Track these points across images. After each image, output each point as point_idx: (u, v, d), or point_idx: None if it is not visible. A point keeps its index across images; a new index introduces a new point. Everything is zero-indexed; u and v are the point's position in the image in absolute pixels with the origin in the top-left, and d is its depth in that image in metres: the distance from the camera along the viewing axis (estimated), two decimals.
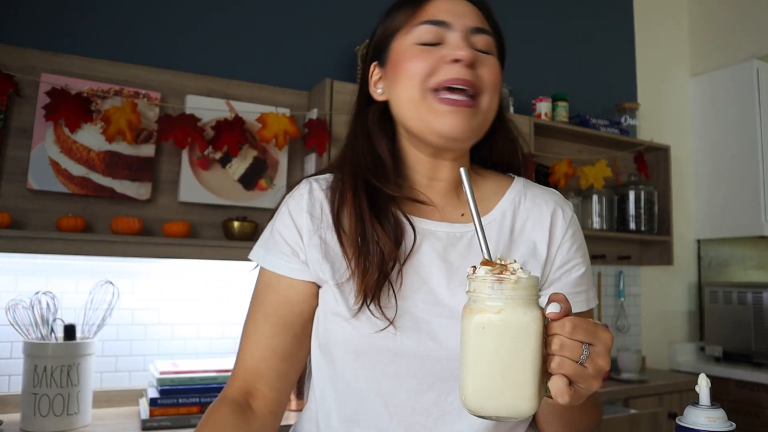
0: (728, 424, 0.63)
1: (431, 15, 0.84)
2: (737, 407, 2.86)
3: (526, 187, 0.94)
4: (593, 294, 0.93)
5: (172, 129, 1.98)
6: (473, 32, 0.83)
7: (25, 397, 1.67)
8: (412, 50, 0.83)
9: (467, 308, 0.59)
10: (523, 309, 0.57)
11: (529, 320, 0.57)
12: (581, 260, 0.90)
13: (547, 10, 3.15)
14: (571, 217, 0.93)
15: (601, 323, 0.64)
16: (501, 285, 0.57)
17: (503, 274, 0.58)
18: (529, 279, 0.58)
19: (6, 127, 1.84)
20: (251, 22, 2.33)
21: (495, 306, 0.57)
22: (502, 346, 0.57)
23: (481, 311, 0.58)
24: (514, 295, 0.57)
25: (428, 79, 0.81)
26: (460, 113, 0.80)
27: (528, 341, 0.57)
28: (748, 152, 3.23)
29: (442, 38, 0.83)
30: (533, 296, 0.58)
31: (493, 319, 0.57)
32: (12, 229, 1.73)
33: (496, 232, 0.89)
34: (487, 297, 0.57)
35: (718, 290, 3.21)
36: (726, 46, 3.44)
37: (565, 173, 2.74)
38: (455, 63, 0.80)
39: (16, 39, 1.92)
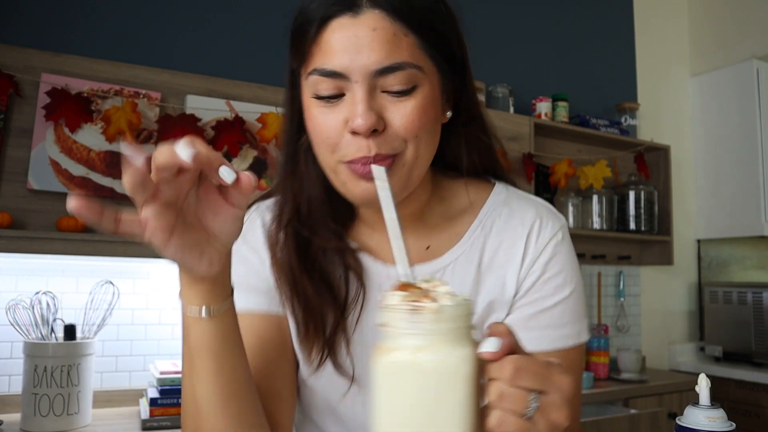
0: (728, 424, 0.63)
1: (323, 58, 0.66)
2: (737, 407, 2.86)
3: (505, 202, 0.81)
4: (580, 328, 0.77)
5: (172, 129, 1.98)
6: (379, 75, 0.65)
7: (25, 397, 1.67)
8: (313, 108, 0.69)
9: (379, 347, 0.47)
10: (449, 347, 0.45)
11: (456, 362, 0.45)
12: (561, 287, 0.77)
13: (548, 10, 3.15)
14: (551, 236, 0.78)
15: (557, 362, 0.51)
16: (418, 316, 0.45)
17: (421, 302, 0.45)
18: (457, 307, 0.45)
19: (6, 127, 1.84)
20: (251, 22, 2.33)
21: (411, 344, 0.45)
22: (420, 397, 0.45)
23: (393, 350, 0.46)
24: (435, 328, 0.45)
25: (336, 150, 0.68)
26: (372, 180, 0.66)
27: (455, 390, 0.44)
28: (748, 152, 3.23)
29: (342, 88, 0.66)
30: (463, 329, 0.46)
31: (407, 360, 0.45)
32: (12, 229, 1.73)
33: (462, 267, 0.77)
34: (402, 332, 0.45)
35: (718, 290, 3.21)
36: (726, 46, 3.44)
37: (565, 173, 2.74)
38: (356, 135, 0.66)
39: (16, 39, 1.92)
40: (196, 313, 0.60)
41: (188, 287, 0.60)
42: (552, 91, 2.95)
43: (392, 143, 0.67)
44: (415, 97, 0.67)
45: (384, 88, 0.66)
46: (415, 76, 0.67)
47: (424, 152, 0.70)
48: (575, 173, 2.80)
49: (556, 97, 2.91)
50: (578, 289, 0.78)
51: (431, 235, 0.80)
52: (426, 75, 0.68)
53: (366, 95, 0.65)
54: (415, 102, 0.67)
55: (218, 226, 0.56)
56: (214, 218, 0.56)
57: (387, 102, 0.66)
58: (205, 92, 2.14)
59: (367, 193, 0.67)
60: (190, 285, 0.60)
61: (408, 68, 0.66)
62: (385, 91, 0.66)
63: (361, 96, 0.65)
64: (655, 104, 3.43)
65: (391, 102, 0.66)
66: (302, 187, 0.77)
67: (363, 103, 0.65)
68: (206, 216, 0.56)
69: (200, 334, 0.61)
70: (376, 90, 0.66)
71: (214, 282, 0.60)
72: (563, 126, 2.83)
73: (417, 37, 0.67)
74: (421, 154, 0.69)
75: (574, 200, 2.92)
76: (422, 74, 0.67)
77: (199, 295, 0.60)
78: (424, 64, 0.68)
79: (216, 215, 0.56)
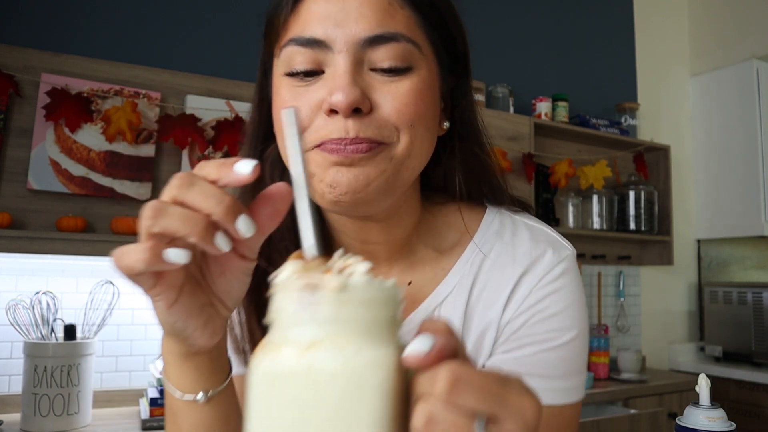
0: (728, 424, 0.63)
1: (301, 26, 0.55)
2: (737, 407, 2.85)
3: (497, 233, 0.68)
4: (576, 383, 0.63)
5: (172, 129, 1.98)
6: (368, 45, 0.54)
7: (25, 397, 1.67)
8: (282, 88, 0.56)
9: (261, 343, 0.34)
10: (357, 343, 0.31)
11: (365, 365, 0.31)
12: (558, 331, 0.62)
13: (547, 10, 3.15)
14: (547, 270, 0.63)
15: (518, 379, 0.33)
16: (312, 296, 0.32)
17: (317, 278, 0.33)
18: (371, 287, 0.32)
19: (6, 127, 1.84)
20: (251, 22, 2.33)
21: (301, 337, 0.32)
22: (310, 415, 0.30)
23: (276, 346, 0.32)
24: (337, 316, 0.32)
25: (306, 136, 0.55)
26: (350, 167, 0.53)
27: (363, 406, 0.30)
28: (748, 152, 3.24)
29: (321, 63, 0.55)
30: (382, 322, 0.32)
31: (292, 360, 0.31)
32: (12, 229, 1.73)
33: (448, 309, 0.65)
34: (290, 320, 0.32)
35: (718, 290, 3.21)
36: (726, 46, 3.44)
37: (565, 173, 2.75)
38: (333, 114, 0.53)
39: (16, 39, 1.92)
40: (190, 397, 0.50)
41: (179, 365, 0.48)
42: (552, 91, 2.95)
43: (380, 129, 0.53)
44: (411, 78, 0.55)
45: (373, 65, 0.54)
46: (411, 54, 0.55)
47: (418, 149, 0.57)
48: (575, 173, 2.80)
49: (556, 97, 2.91)
50: (581, 336, 0.63)
51: (415, 268, 0.68)
52: (424, 57, 0.57)
53: (351, 67, 0.53)
54: (410, 83, 0.55)
55: (224, 285, 0.45)
56: (220, 276, 0.44)
57: (376, 81, 0.54)
58: (205, 92, 2.13)
59: (337, 184, 0.53)
60: (183, 362, 0.48)
61: (403, 41, 0.54)
62: (375, 70, 0.54)
63: (345, 67, 0.53)
64: (655, 104, 3.43)
65: (380, 82, 0.54)
66: None
67: (346, 75, 0.52)
68: (212, 273, 0.45)
69: (196, 420, 0.50)
70: (363, 65, 0.54)
71: (212, 358, 0.49)
72: (563, 126, 2.84)
73: (415, 13, 0.57)
74: (415, 150, 0.56)
75: (574, 200, 2.92)
76: (420, 54, 0.56)
77: (193, 375, 0.49)
78: (422, 45, 0.57)
79: (222, 272, 0.44)
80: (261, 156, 0.64)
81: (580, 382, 0.64)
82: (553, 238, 0.67)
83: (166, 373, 0.50)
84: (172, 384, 0.50)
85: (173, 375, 0.50)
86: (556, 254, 0.65)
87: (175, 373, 0.49)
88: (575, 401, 0.63)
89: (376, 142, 0.53)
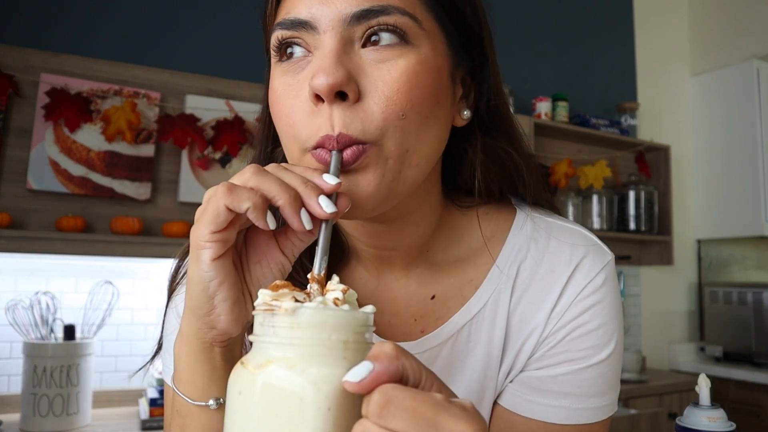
0: (728, 424, 0.62)
1: (287, 8, 0.52)
2: (737, 407, 2.85)
3: (532, 237, 0.62)
4: (612, 399, 0.60)
5: (171, 129, 1.98)
6: (355, 21, 0.49)
7: (24, 397, 1.67)
8: (275, 80, 0.53)
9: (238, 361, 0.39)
10: (304, 364, 0.35)
11: (307, 386, 0.34)
12: (597, 348, 0.58)
13: (547, 10, 3.15)
14: (588, 281, 0.59)
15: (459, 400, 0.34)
16: (272, 319, 0.36)
17: (280, 302, 0.37)
18: (324, 313, 0.36)
19: (6, 127, 1.84)
20: (251, 22, 2.33)
21: (263, 355, 0.36)
22: (265, 426, 0.35)
23: (244, 363, 0.38)
24: (291, 337, 0.35)
25: (298, 133, 0.51)
26: (348, 173, 0.49)
27: (307, 425, 0.34)
28: (748, 152, 3.23)
29: (309, 46, 0.51)
30: (335, 345, 0.35)
31: (248, 376, 0.36)
32: (12, 229, 1.73)
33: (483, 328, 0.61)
34: (259, 340, 0.37)
35: (718, 290, 3.21)
36: (726, 45, 3.44)
37: (565, 173, 2.74)
38: (319, 102, 0.49)
39: (16, 39, 1.92)
40: (201, 399, 0.49)
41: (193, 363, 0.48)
42: (552, 91, 2.95)
43: (364, 123, 0.48)
44: (407, 58, 0.49)
45: (364, 43, 0.49)
46: (409, 28, 0.49)
47: (416, 144, 0.50)
48: (575, 173, 2.80)
49: (556, 97, 2.91)
50: (618, 349, 0.59)
51: (438, 279, 0.62)
52: (426, 34, 0.51)
53: (337, 47, 0.48)
54: (405, 63, 0.49)
55: (258, 274, 0.46)
56: (256, 264, 0.46)
57: (366, 63, 0.49)
58: (204, 92, 2.13)
59: None
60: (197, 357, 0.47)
61: (396, 14, 0.49)
62: (367, 47, 0.49)
63: (330, 47, 0.48)
64: (656, 104, 3.42)
65: (371, 63, 0.49)
66: None
67: (330, 55, 0.48)
68: (250, 261, 0.47)
69: (206, 425, 0.49)
70: (352, 45, 0.49)
71: (226, 358, 0.48)
72: (563, 126, 2.83)
73: None
74: (411, 144, 0.50)
75: (574, 200, 2.92)
76: (419, 29, 0.50)
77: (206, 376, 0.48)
78: (423, 20, 0.51)
79: (259, 261, 0.46)
80: (270, 157, 0.62)
81: (615, 397, 0.61)
82: (593, 241, 0.62)
83: (178, 376, 0.49)
84: (182, 389, 0.49)
85: (185, 377, 0.48)
86: (598, 260, 0.60)
87: (188, 374, 0.48)
88: (608, 417, 0.60)
89: (361, 142, 0.48)
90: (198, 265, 0.44)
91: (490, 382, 0.60)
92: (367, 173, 0.49)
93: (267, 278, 0.47)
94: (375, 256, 0.62)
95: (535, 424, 0.59)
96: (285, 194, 0.43)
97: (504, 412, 0.61)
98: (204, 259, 0.44)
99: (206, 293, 0.44)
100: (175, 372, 0.50)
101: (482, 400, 0.61)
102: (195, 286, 0.45)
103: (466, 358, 0.61)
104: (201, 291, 0.45)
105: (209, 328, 0.46)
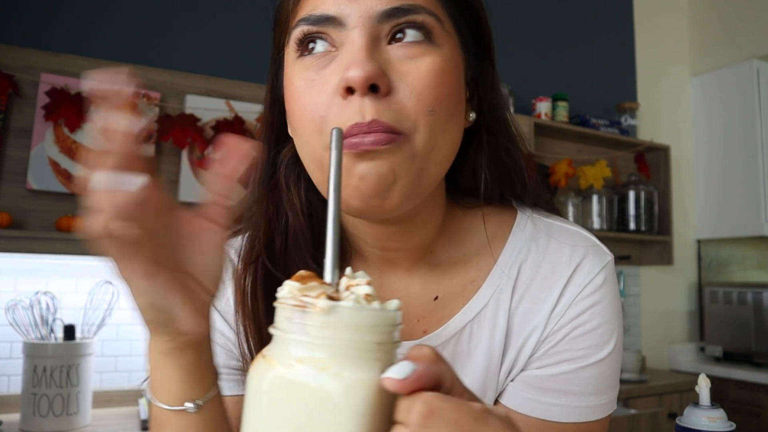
0: (729, 424, 0.62)
1: (312, 5, 0.52)
2: (738, 407, 2.85)
3: (532, 238, 0.63)
4: (611, 398, 0.61)
5: (171, 129, 1.98)
6: (384, 19, 0.50)
7: (24, 397, 1.67)
8: (295, 77, 0.53)
9: (257, 355, 0.37)
10: (339, 365, 0.33)
11: (342, 388, 0.33)
12: (596, 347, 0.59)
13: (547, 10, 3.15)
14: (588, 281, 0.60)
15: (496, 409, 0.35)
16: (304, 316, 0.34)
17: (310, 297, 0.34)
18: (359, 312, 0.34)
19: (6, 127, 1.84)
20: (251, 22, 2.33)
21: (292, 353, 0.34)
22: (294, 428, 0.33)
23: (269, 358, 0.35)
24: (324, 337, 0.33)
25: (325, 127, 0.51)
26: (373, 159, 0.49)
27: (340, 428, 0.32)
28: (748, 152, 3.23)
29: (335, 42, 0.51)
30: (368, 346, 0.34)
31: (281, 374, 0.34)
32: (12, 229, 1.73)
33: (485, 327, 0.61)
34: (285, 335, 0.35)
35: (718, 290, 3.21)
36: (726, 45, 3.44)
37: (565, 173, 2.74)
38: (349, 94, 0.49)
39: (16, 39, 1.92)
40: (177, 404, 0.47)
41: (165, 368, 0.46)
42: (552, 91, 2.95)
43: (398, 114, 0.49)
44: (432, 56, 0.51)
45: (391, 40, 0.51)
46: (434, 28, 0.51)
47: (441, 140, 0.52)
48: (575, 173, 2.80)
49: (556, 97, 2.91)
50: (618, 348, 0.61)
51: (440, 280, 0.63)
52: (447, 34, 0.53)
53: (367, 41, 0.49)
54: (432, 61, 0.51)
55: (201, 260, 0.44)
56: (194, 252, 0.44)
57: (395, 59, 0.50)
58: (204, 92, 2.13)
59: (365, 179, 0.49)
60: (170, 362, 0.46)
61: (424, 14, 0.51)
62: (393, 45, 0.51)
63: (361, 42, 0.49)
64: (655, 104, 3.42)
65: (399, 59, 0.50)
66: (279, 212, 0.61)
67: (363, 50, 0.49)
68: (187, 250, 0.44)
69: (181, 430, 0.48)
70: (380, 41, 0.51)
71: (200, 359, 0.47)
72: (563, 126, 2.83)
73: None
74: (438, 141, 0.51)
75: (574, 200, 2.92)
76: (442, 30, 0.52)
77: (181, 380, 0.47)
78: (444, 21, 0.53)
79: (196, 246, 0.44)
80: (275, 159, 0.62)
81: (614, 395, 0.62)
82: (593, 242, 0.63)
83: (153, 384, 0.48)
84: (158, 396, 0.48)
85: (160, 384, 0.47)
86: (597, 260, 0.61)
87: (162, 381, 0.47)
88: (607, 415, 0.61)
89: (394, 131, 0.49)
90: (137, 293, 0.42)
91: (491, 381, 0.61)
92: (395, 159, 0.49)
93: (210, 263, 0.45)
94: (379, 257, 0.62)
95: (536, 422, 0.60)
96: None
97: None
98: (139, 285, 0.41)
99: (156, 309, 0.42)
100: (150, 381, 0.49)
101: (483, 399, 0.62)
102: (143, 309, 0.43)
103: (468, 357, 0.61)
104: (150, 309, 0.43)
105: (176, 334, 0.44)
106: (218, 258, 0.45)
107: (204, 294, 0.45)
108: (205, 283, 0.45)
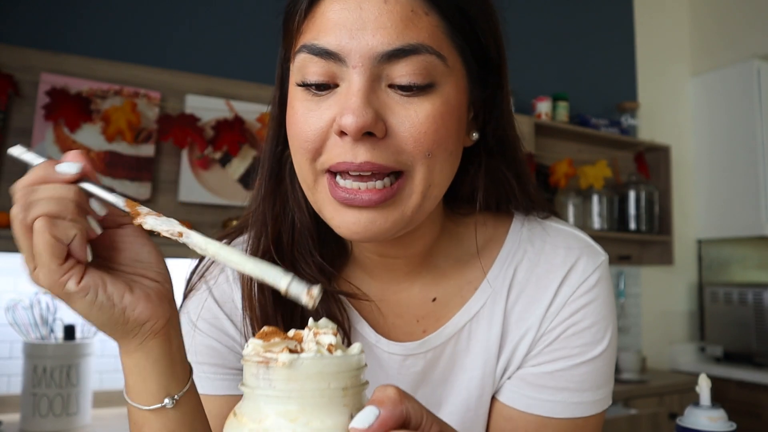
0: (729, 424, 0.62)
1: (315, 32, 0.51)
2: (738, 407, 2.85)
3: (528, 240, 0.64)
4: (605, 393, 0.62)
5: (171, 129, 1.98)
6: (386, 60, 0.49)
7: (24, 397, 1.67)
8: (295, 101, 0.53)
9: (231, 413, 0.39)
10: (307, 415, 0.35)
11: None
12: (590, 345, 0.61)
13: (547, 9, 3.15)
14: (581, 281, 0.61)
15: None
16: (267, 371, 0.35)
17: (273, 353, 0.36)
18: (321, 362, 0.35)
19: (6, 126, 1.84)
20: (251, 21, 2.33)
21: (260, 409, 0.36)
22: None
23: (237, 418, 0.37)
24: (289, 389, 0.35)
25: (318, 157, 0.52)
26: (363, 211, 0.52)
27: None
28: (748, 152, 3.23)
29: (335, 76, 0.51)
30: (334, 393, 0.36)
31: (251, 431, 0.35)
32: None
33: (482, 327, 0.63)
34: (253, 392, 0.36)
35: (718, 290, 3.21)
36: (727, 45, 3.44)
37: (565, 173, 2.74)
38: (344, 136, 0.50)
39: (16, 39, 1.92)
40: (155, 402, 0.49)
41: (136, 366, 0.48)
42: (552, 91, 2.95)
43: (394, 155, 0.50)
44: (432, 99, 0.51)
45: (391, 81, 0.50)
46: (435, 68, 0.50)
47: (438, 177, 0.53)
48: (575, 173, 2.80)
49: (556, 96, 2.91)
50: (612, 345, 0.62)
51: (439, 282, 0.64)
52: (450, 71, 0.52)
53: (365, 85, 0.49)
54: (431, 105, 0.50)
55: (129, 254, 0.48)
56: (116, 251, 0.48)
57: (393, 101, 0.50)
58: (204, 92, 2.13)
59: (357, 224, 0.51)
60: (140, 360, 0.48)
61: (426, 54, 0.49)
62: (393, 86, 0.50)
63: (359, 85, 0.49)
64: (656, 104, 3.42)
65: (398, 102, 0.50)
66: (285, 210, 0.62)
67: (359, 94, 0.48)
68: (109, 250, 0.48)
69: (165, 426, 0.50)
70: (380, 82, 0.50)
71: (168, 352, 0.49)
72: (563, 126, 2.83)
73: (442, 19, 0.51)
74: (435, 179, 0.52)
75: (574, 200, 2.92)
76: (445, 68, 0.51)
77: (154, 377, 0.48)
78: (448, 56, 0.52)
79: (115, 246, 0.48)
80: (280, 159, 0.62)
81: (609, 391, 0.63)
82: (587, 242, 0.64)
83: (129, 388, 0.50)
84: (135, 399, 0.50)
85: (136, 386, 0.49)
86: (591, 261, 0.62)
87: (138, 382, 0.49)
88: (603, 411, 0.63)
89: (390, 170, 0.50)
90: (77, 300, 0.45)
91: (489, 378, 0.63)
92: (388, 210, 0.52)
93: (136, 252, 0.48)
94: (379, 264, 0.63)
95: (533, 418, 0.61)
96: None
97: (502, 407, 0.63)
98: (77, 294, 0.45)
99: (101, 306, 0.45)
100: (125, 385, 0.51)
101: (481, 396, 0.64)
102: (89, 313, 0.45)
103: (467, 356, 0.63)
104: (96, 310, 0.45)
105: (136, 324, 0.47)
106: (142, 245, 0.48)
107: (145, 281, 0.48)
108: (141, 270, 0.48)
